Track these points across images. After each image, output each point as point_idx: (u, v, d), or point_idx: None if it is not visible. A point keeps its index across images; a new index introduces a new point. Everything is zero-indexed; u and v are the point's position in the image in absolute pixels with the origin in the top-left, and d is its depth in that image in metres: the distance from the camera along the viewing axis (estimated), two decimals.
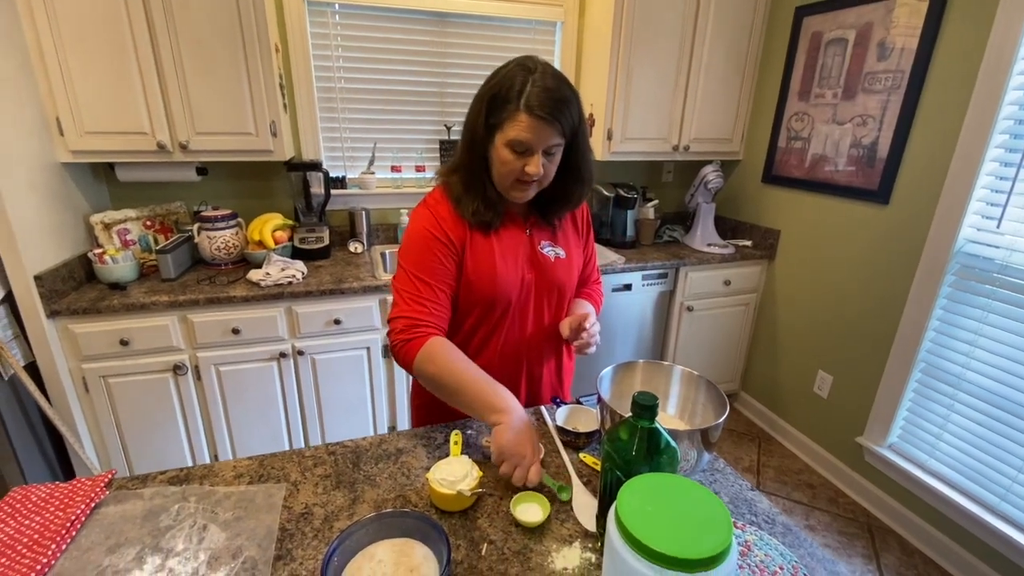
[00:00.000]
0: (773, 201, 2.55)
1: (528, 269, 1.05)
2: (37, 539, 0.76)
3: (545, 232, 1.08)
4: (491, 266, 1.00)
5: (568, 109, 0.89)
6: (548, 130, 0.88)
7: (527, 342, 1.09)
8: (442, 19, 2.33)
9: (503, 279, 1.01)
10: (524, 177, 0.93)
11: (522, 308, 1.06)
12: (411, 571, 0.68)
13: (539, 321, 1.09)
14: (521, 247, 1.04)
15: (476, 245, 1.00)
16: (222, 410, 1.93)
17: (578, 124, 0.93)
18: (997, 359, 1.71)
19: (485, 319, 1.04)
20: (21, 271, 1.58)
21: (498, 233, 1.02)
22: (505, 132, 0.90)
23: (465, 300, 1.03)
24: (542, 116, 0.87)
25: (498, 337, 1.06)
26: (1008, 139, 1.65)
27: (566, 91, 0.89)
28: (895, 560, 1.90)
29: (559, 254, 1.08)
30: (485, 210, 0.98)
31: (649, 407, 0.67)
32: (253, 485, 0.88)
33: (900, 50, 1.89)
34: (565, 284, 1.08)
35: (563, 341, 1.10)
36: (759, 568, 0.74)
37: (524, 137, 0.89)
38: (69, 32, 1.66)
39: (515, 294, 1.03)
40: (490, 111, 0.91)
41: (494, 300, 1.01)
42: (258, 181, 2.29)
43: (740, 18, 2.39)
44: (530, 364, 1.12)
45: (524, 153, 0.91)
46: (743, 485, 0.92)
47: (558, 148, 0.93)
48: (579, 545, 0.77)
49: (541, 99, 0.86)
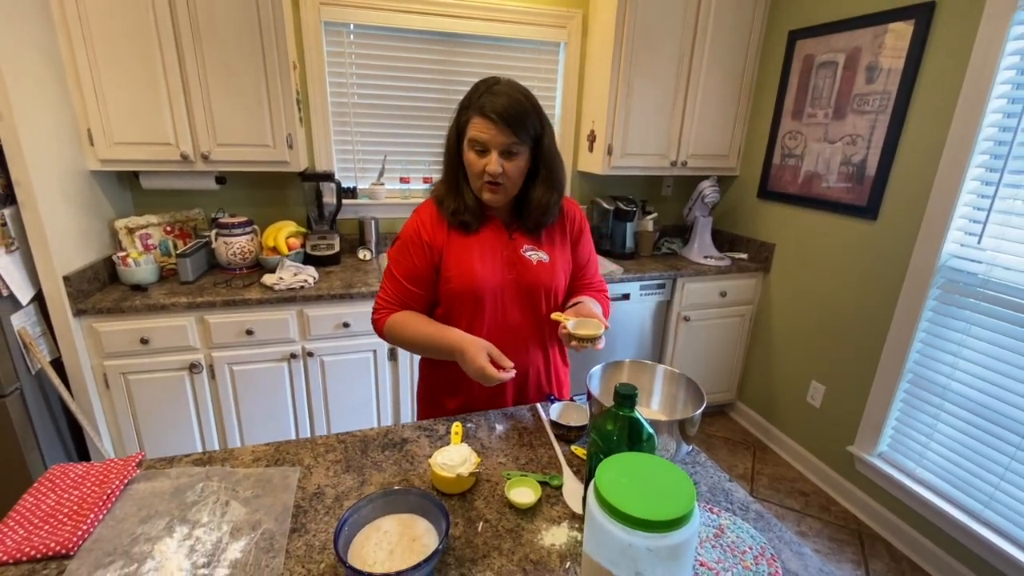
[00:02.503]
0: (768, 216, 2.63)
1: (507, 270, 1.14)
2: (76, 510, 0.84)
3: (529, 238, 1.17)
4: (469, 264, 1.12)
5: (523, 117, 1.01)
6: (502, 131, 1.00)
7: (512, 339, 1.16)
8: (451, 39, 2.44)
9: (480, 276, 1.12)
10: (486, 177, 1.04)
11: (503, 305, 1.15)
12: (413, 540, 0.75)
13: (524, 319, 1.17)
14: (501, 249, 1.15)
15: (455, 245, 1.13)
16: (234, 408, 2.01)
17: (540, 133, 1.06)
18: (980, 370, 1.77)
19: (465, 313, 1.15)
20: (52, 272, 1.68)
21: (479, 235, 1.14)
22: (468, 135, 1.04)
23: (446, 294, 1.15)
24: (493, 118, 1.00)
25: (479, 328, 1.14)
26: (988, 159, 1.73)
27: (522, 100, 1.02)
28: (883, 566, 1.94)
29: (542, 258, 1.16)
30: (464, 211, 1.11)
31: (629, 396, 0.75)
32: (270, 468, 0.96)
33: (887, 72, 1.98)
34: (547, 286, 1.16)
35: (552, 340, 1.22)
36: (731, 548, 0.81)
37: (480, 136, 1.02)
38: (102, 49, 1.78)
39: (492, 290, 1.13)
40: (459, 119, 1.07)
41: (470, 294, 1.12)
42: (273, 190, 2.40)
43: (736, 40, 2.50)
44: (517, 360, 1.17)
45: (483, 152, 1.03)
46: (722, 476, 0.99)
47: (518, 149, 1.04)
48: (567, 525, 0.85)
49: (495, 104, 1.00)
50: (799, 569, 0.78)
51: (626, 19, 2.28)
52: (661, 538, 0.56)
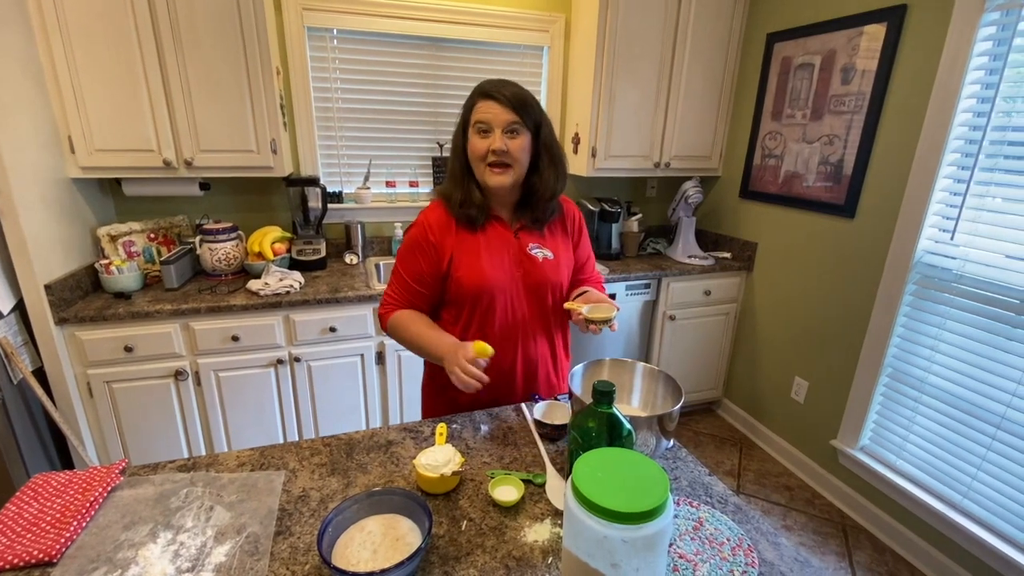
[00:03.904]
0: (750, 215, 2.67)
1: (515, 267, 1.17)
2: (59, 517, 0.84)
3: (534, 235, 1.21)
4: (478, 264, 1.14)
5: (526, 101, 1.08)
6: (505, 109, 1.06)
7: (522, 334, 1.20)
8: (435, 44, 2.46)
9: (490, 274, 1.14)
10: (491, 158, 1.08)
11: (513, 301, 1.18)
12: (397, 540, 0.76)
13: (533, 314, 1.21)
14: (508, 247, 1.18)
15: (463, 244, 1.16)
16: (220, 415, 2.00)
17: (540, 122, 1.12)
18: (955, 363, 1.82)
19: (478, 311, 1.17)
20: (32, 280, 1.66)
21: (486, 233, 1.17)
22: (473, 119, 1.10)
23: (457, 293, 1.17)
24: (498, 97, 1.06)
25: (492, 328, 1.18)
26: (959, 157, 1.78)
27: (524, 90, 1.10)
28: (867, 557, 1.98)
29: (547, 255, 1.20)
30: (470, 204, 1.14)
31: (607, 392, 0.77)
32: (255, 472, 0.97)
33: (861, 74, 2.03)
34: (553, 282, 1.20)
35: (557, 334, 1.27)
36: (709, 540, 0.83)
37: (484, 116, 1.07)
38: (82, 56, 1.77)
39: (502, 288, 1.16)
40: (463, 116, 1.13)
41: (482, 292, 1.15)
42: (258, 196, 2.39)
43: (716, 43, 2.54)
44: (526, 356, 1.23)
45: (487, 133, 1.08)
46: (701, 471, 1.01)
47: (520, 129, 1.08)
48: (550, 522, 0.86)
49: (495, 85, 1.08)
50: (775, 558, 0.80)
51: (608, 23, 2.31)
52: (635, 529, 0.58)
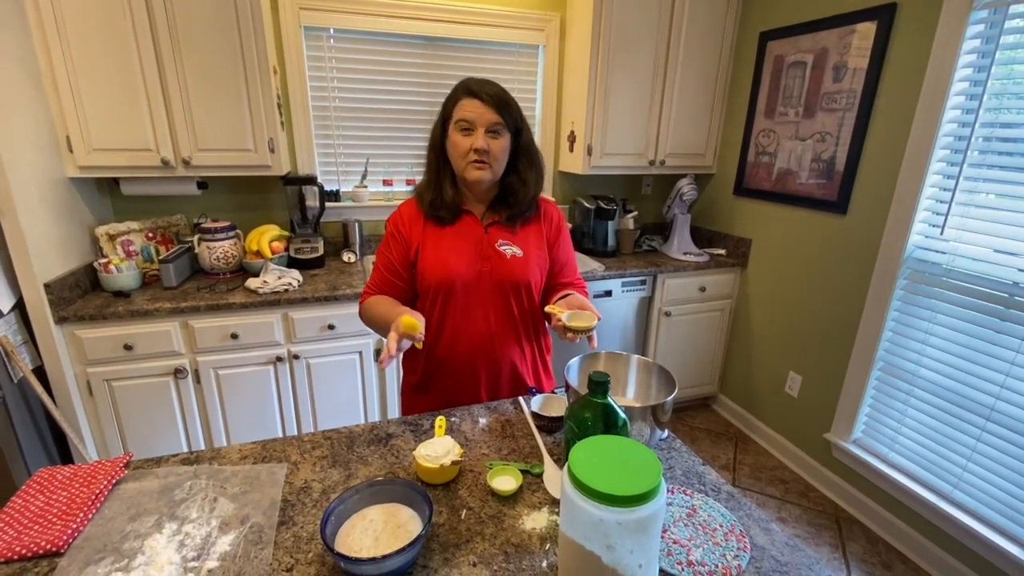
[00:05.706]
0: (744, 212, 2.70)
1: (480, 261, 1.18)
2: (65, 509, 0.85)
3: (504, 232, 1.21)
4: (442, 256, 1.17)
5: (508, 102, 1.11)
6: (487, 109, 1.08)
7: (487, 331, 1.20)
8: (431, 43, 2.47)
9: (452, 268, 1.16)
10: (473, 156, 1.10)
11: (477, 297, 1.19)
12: (398, 527, 0.78)
13: (499, 312, 1.21)
14: (475, 242, 1.19)
15: (430, 235, 1.19)
16: (220, 412, 2.02)
17: (520, 126, 1.15)
18: (945, 356, 1.85)
19: (439, 301, 1.19)
20: (32, 280, 1.67)
21: (455, 227, 1.19)
22: (453, 119, 1.11)
23: (421, 285, 1.21)
24: (482, 96, 1.08)
25: (453, 320, 1.19)
26: (948, 153, 1.81)
27: (503, 89, 1.12)
28: (860, 548, 2.01)
29: (516, 252, 1.20)
30: (440, 205, 1.17)
31: (602, 383, 0.79)
32: (257, 465, 0.98)
33: (853, 71, 2.06)
34: (520, 280, 1.20)
35: (530, 335, 1.26)
36: (702, 526, 0.85)
37: (467, 115, 1.09)
38: (80, 55, 1.78)
39: (464, 280, 1.17)
40: (444, 111, 1.14)
41: (442, 283, 1.17)
42: (256, 194, 2.40)
43: (710, 42, 2.56)
44: (490, 352, 1.22)
45: (469, 131, 1.10)
46: (695, 460, 1.03)
47: (502, 130, 1.11)
48: (547, 510, 0.88)
49: (479, 84, 1.10)
50: (766, 543, 0.82)
51: (602, 22, 2.33)
52: (629, 512, 0.60)
